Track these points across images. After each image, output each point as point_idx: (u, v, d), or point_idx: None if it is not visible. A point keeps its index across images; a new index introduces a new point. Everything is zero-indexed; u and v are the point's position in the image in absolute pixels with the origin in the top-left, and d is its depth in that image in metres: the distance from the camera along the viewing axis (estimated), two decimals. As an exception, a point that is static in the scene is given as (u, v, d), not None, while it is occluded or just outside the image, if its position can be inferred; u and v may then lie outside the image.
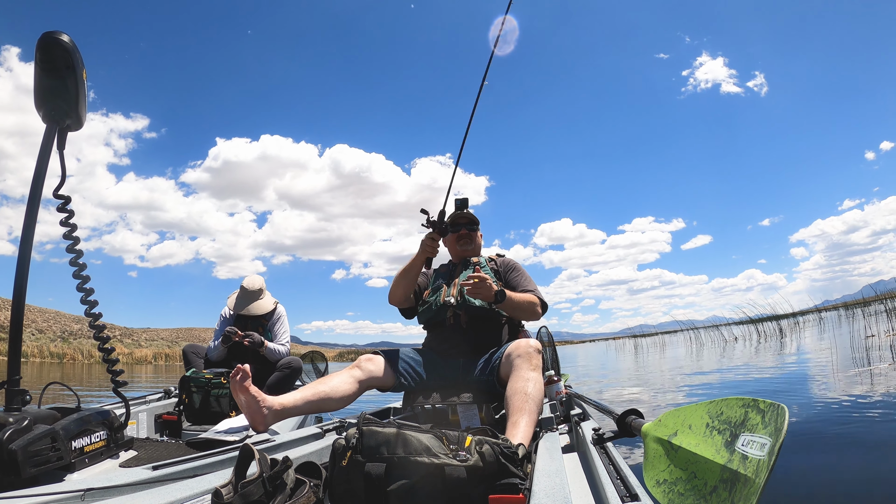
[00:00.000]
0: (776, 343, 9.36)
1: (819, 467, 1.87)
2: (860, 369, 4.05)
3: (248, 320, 3.14)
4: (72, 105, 1.43)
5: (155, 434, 2.56)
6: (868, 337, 6.70)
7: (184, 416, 2.57)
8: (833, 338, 7.85)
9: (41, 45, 1.36)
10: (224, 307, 3.23)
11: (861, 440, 2.13)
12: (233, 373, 1.68)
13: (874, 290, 10.05)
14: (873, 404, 2.73)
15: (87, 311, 1.55)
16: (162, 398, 2.82)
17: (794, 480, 1.74)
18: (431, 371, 2.02)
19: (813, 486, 1.69)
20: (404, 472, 0.98)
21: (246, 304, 3.12)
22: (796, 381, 4.10)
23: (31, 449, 1.19)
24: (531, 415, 1.55)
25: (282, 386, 2.91)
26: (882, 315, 8.22)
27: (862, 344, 5.97)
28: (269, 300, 3.22)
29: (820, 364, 4.91)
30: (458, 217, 2.34)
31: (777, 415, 0.76)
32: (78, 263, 1.55)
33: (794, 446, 2.06)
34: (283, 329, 3.19)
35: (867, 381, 3.47)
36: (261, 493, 0.90)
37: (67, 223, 1.54)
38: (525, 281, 2.20)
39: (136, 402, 2.64)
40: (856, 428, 2.30)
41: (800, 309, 13.48)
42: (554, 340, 3.15)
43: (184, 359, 3.09)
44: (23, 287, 1.38)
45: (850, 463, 1.92)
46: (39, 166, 1.42)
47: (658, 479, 0.96)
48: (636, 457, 2.26)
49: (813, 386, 3.69)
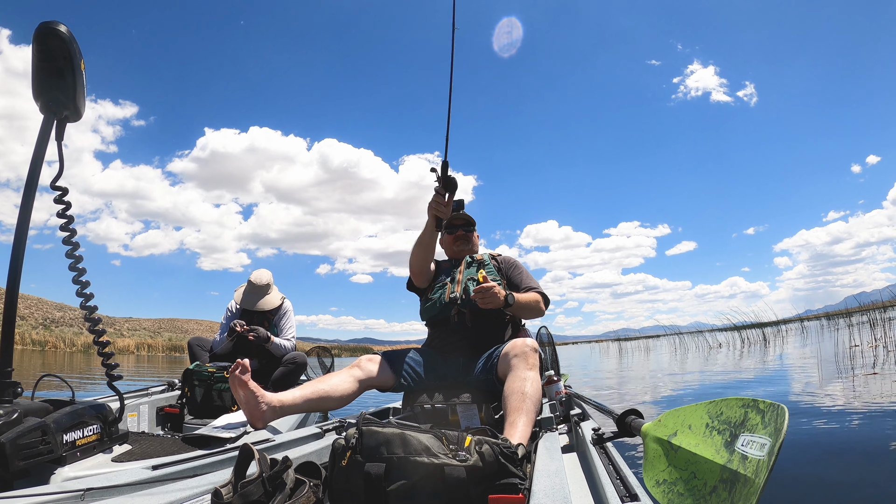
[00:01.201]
0: (760, 350, 9.51)
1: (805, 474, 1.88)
2: (843, 377, 4.17)
3: (255, 315, 3.14)
4: (69, 96, 1.42)
5: (156, 427, 2.56)
6: (852, 347, 6.86)
7: (186, 410, 2.57)
8: (818, 347, 7.99)
9: (38, 36, 1.35)
10: (230, 300, 3.23)
11: (842, 446, 2.17)
12: (232, 367, 1.68)
13: (858, 300, 10.31)
14: (855, 411, 2.79)
15: (83, 304, 1.54)
16: (165, 390, 2.81)
17: (787, 484, 1.74)
18: (432, 371, 2.02)
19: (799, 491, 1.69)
20: (404, 473, 0.98)
21: (253, 299, 3.13)
22: (781, 388, 4.18)
23: (20, 442, 1.18)
24: (529, 414, 1.55)
25: (286, 381, 2.91)
26: (864, 326, 8.42)
27: (846, 353, 6.12)
28: (276, 295, 3.22)
29: (805, 372, 5.03)
30: (454, 218, 2.34)
31: (777, 415, 0.76)
32: (74, 256, 1.54)
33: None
34: (289, 324, 3.19)
35: (850, 389, 3.58)
36: (260, 493, 0.90)
37: (64, 215, 1.52)
38: (527, 278, 2.21)
39: (138, 394, 2.63)
40: (838, 434, 2.33)
41: (782, 317, 13.77)
42: (554, 340, 3.14)
43: (189, 351, 3.09)
44: (16, 279, 1.38)
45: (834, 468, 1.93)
46: (36, 157, 1.42)
47: (658, 480, 0.96)
48: (636, 457, 2.26)
49: (797, 393, 3.78)
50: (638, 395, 4.64)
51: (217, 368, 2.58)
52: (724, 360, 8.10)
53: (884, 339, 6.53)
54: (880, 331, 7.38)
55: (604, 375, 7.41)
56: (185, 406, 2.57)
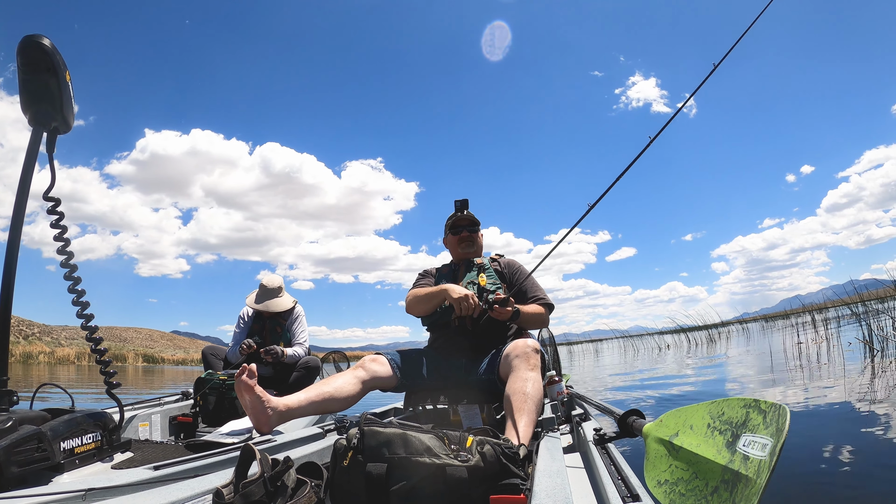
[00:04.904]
0: (709, 349, 9.95)
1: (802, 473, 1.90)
2: (794, 372, 4.60)
3: (267, 319, 3.15)
4: (57, 108, 1.43)
5: (169, 436, 2.56)
6: (797, 344, 7.35)
7: (199, 419, 2.57)
8: (768, 345, 8.45)
9: (21, 49, 1.36)
10: (243, 307, 3.24)
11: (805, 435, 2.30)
12: (237, 372, 1.68)
13: (800, 302, 10.95)
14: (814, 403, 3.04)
15: (80, 313, 1.56)
16: (179, 400, 2.83)
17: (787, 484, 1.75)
18: (433, 371, 2.02)
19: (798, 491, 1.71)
20: (405, 473, 0.98)
21: (266, 301, 3.13)
22: (742, 384, 4.50)
23: (14, 449, 1.19)
24: (530, 414, 1.55)
25: (300, 386, 2.92)
26: (801, 326, 8.95)
27: (794, 350, 6.65)
28: (288, 298, 3.23)
29: (760, 367, 5.49)
30: (458, 219, 2.35)
31: (778, 415, 0.76)
32: (70, 265, 1.56)
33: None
34: (301, 328, 3.19)
35: (802, 382, 3.96)
36: (262, 494, 0.90)
37: (58, 225, 1.54)
38: (532, 287, 2.21)
39: (150, 403, 2.65)
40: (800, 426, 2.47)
41: (721, 320, 14.19)
42: (555, 341, 3.14)
43: (203, 360, 3.12)
44: (10, 288, 1.38)
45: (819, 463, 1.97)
46: (26, 170, 1.43)
47: (659, 480, 0.95)
48: (637, 457, 2.26)
49: (757, 388, 4.03)
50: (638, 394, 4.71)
51: (228, 376, 2.59)
52: (676, 359, 8.57)
53: (825, 337, 7.02)
54: (822, 330, 7.88)
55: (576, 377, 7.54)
56: (198, 415, 2.57)
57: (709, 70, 1.91)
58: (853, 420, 2.51)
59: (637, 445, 2.39)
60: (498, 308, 1.93)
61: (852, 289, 6.82)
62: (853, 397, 3.03)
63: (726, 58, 1.94)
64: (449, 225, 2.37)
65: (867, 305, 6.34)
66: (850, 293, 6.83)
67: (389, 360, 1.98)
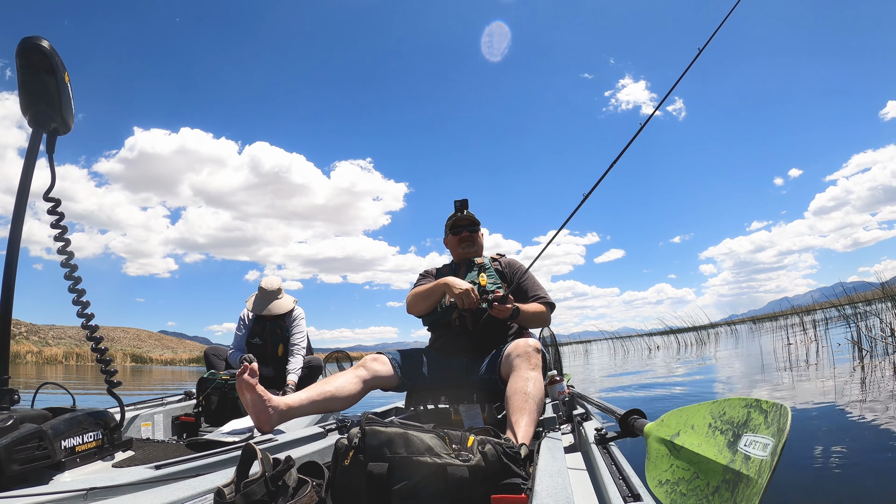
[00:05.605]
0: (699, 351, 10.03)
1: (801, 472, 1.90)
2: (785, 372, 4.70)
3: (268, 321, 3.16)
4: (56, 109, 1.44)
5: (172, 436, 2.57)
6: (787, 345, 7.47)
7: (202, 418, 2.58)
8: (758, 346, 8.54)
9: (20, 51, 1.37)
10: (243, 310, 3.24)
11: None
12: (239, 371, 1.68)
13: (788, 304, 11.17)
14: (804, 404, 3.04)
15: (80, 312, 1.56)
16: (182, 400, 2.84)
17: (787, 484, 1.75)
18: (435, 371, 2.02)
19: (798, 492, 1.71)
20: (406, 472, 0.98)
21: (265, 304, 3.14)
22: (732, 384, 4.58)
23: (15, 448, 1.19)
24: (531, 414, 1.55)
25: (302, 385, 2.92)
26: (789, 328, 9.04)
27: (784, 351, 6.74)
28: (288, 300, 3.23)
29: (751, 368, 5.60)
30: (458, 220, 2.35)
31: (780, 415, 0.76)
32: (70, 265, 1.56)
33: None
34: (299, 330, 3.20)
35: (792, 382, 4.03)
36: (263, 493, 0.90)
37: (58, 225, 1.55)
38: (533, 286, 2.21)
39: (153, 403, 2.66)
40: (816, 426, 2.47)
41: (710, 322, 14.35)
42: (557, 341, 3.14)
43: (206, 361, 3.14)
44: (10, 288, 1.39)
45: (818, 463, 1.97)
46: (26, 171, 1.43)
47: (660, 480, 0.95)
48: (639, 457, 2.26)
49: (749, 388, 4.10)
50: (635, 392, 4.75)
51: (231, 376, 2.60)
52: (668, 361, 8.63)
53: (814, 338, 7.14)
54: (811, 331, 7.98)
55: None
56: (200, 415, 2.58)
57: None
58: (844, 419, 2.53)
59: (638, 445, 2.39)
60: (497, 306, 1.93)
61: (840, 291, 6.86)
62: (844, 397, 3.05)
63: (710, 42, 1.95)
64: (449, 225, 2.37)
65: (856, 307, 6.38)
66: (838, 295, 6.86)
67: (391, 360, 1.98)
